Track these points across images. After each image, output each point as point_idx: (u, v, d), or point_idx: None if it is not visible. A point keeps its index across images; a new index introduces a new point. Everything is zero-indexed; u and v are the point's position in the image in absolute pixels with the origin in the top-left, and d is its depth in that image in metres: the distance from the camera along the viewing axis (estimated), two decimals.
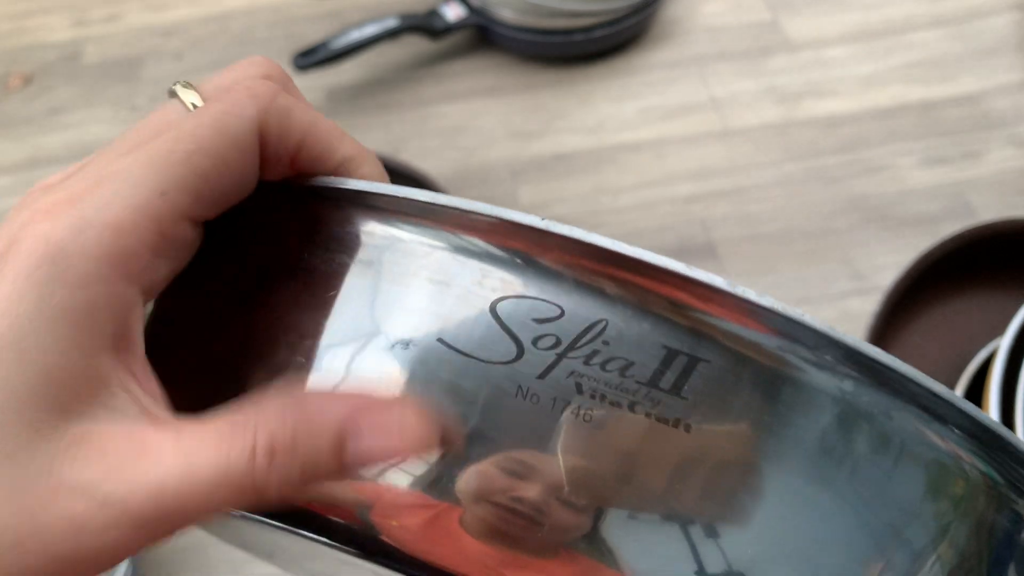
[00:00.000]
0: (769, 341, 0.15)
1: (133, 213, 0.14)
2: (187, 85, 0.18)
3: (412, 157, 0.67)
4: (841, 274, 0.60)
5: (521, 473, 0.15)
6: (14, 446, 0.13)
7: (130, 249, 0.14)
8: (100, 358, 0.14)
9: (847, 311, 0.58)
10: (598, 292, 0.15)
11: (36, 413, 0.13)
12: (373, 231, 0.17)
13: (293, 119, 0.17)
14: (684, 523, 0.14)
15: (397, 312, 0.16)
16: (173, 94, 0.18)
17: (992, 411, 0.39)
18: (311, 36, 0.76)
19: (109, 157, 0.16)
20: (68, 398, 0.14)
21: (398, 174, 0.60)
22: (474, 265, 0.15)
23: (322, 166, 0.18)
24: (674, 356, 0.15)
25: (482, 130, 0.70)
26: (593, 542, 0.14)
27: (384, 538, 0.16)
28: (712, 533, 0.14)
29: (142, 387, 0.15)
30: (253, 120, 0.16)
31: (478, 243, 0.16)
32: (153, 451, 0.14)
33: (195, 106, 0.17)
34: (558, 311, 0.15)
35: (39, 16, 0.82)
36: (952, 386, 0.48)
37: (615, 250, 0.14)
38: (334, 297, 0.16)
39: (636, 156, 0.67)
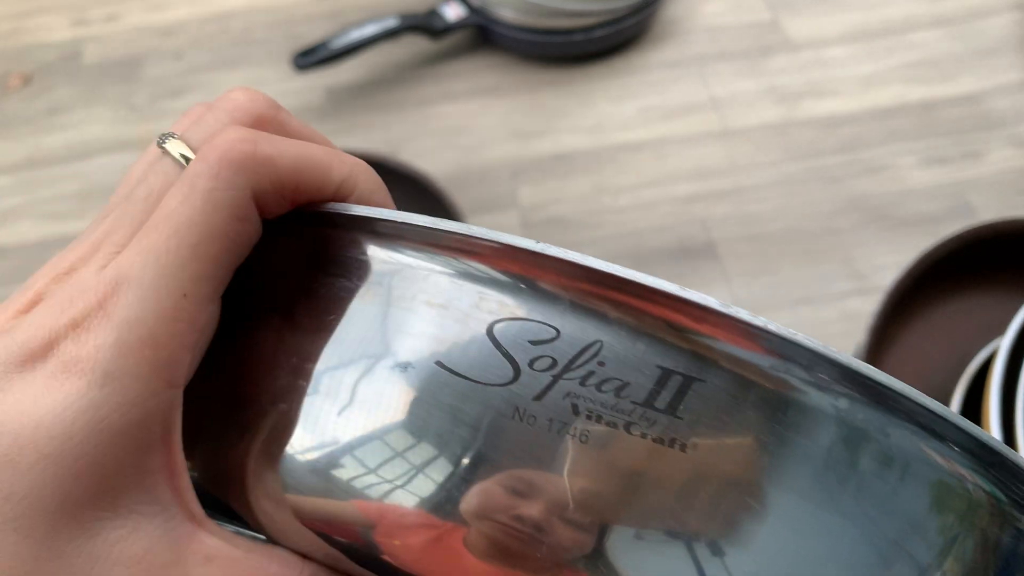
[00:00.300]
0: (763, 361, 0.15)
1: (165, 323, 0.15)
2: (176, 139, 0.18)
3: (412, 157, 0.67)
4: (841, 274, 0.60)
5: (522, 491, 0.15)
6: (64, 544, 0.14)
7: (170, 359, 0.15)
8: (150, 458, 0.15)
9: (847, 311, 0.58)
10: (593, 314, 0.15)
11: (87, 512, 0.14)
12: (373, 255, 0.17)
13: (280, 164, 0.17)
14: (687, 542, 0.14)
15: (396, 335, 0.16)
16: (164, 150, 0.18)
17: (992, 411, 0.39)
18: (311, 36, 0.76)
19: (117, 238, 0.16)
20: (118, 498, 0.15)
21: (398, 174, 0.60)
22: (471, 288, 0.15)
23: (320, 195, 0.18)
24: (669, 376, 0.15)
25: (482, 130, 0.70)
26: (595, 561, 0.14)
27: (386, 557, 0.16)
28: (717, 552, 0.14)
29: (182, 478, 0.16)
30: (244, 187, 0.16)
31: (475, 266, 0.16)
32: (182, 566, 0.15)
33: (185, 158, 0.17)
34: (554, 333, 0.15)
35: (39, 16, 0.82)
36: (952, 386, 0.48)
37: (609, 272, 0.15)
38: (335, 321, 0.16)
39: (636, 156, 0.67)
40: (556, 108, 0.71)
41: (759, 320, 0.14)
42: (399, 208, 0.17)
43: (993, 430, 0.38)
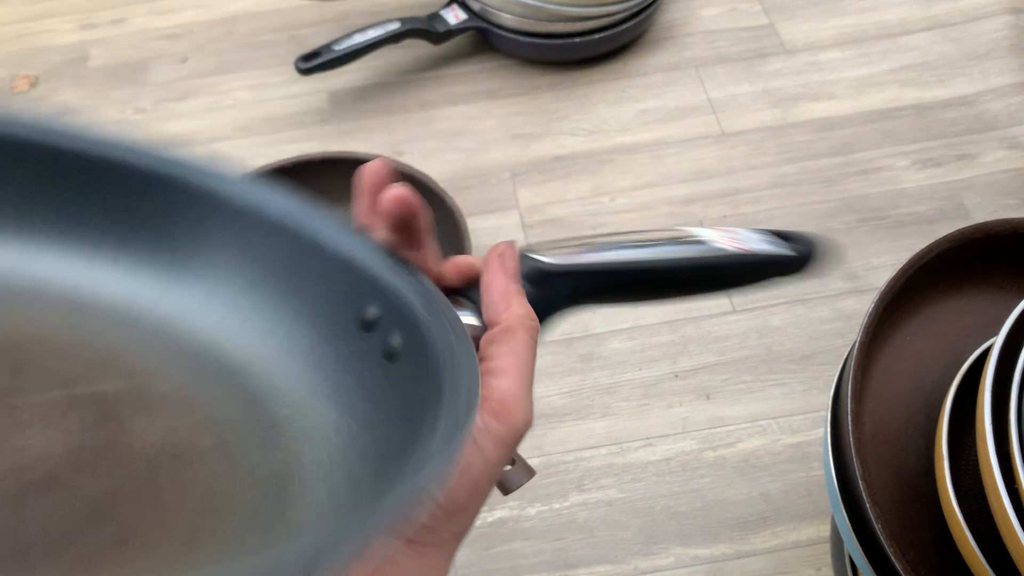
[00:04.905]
0: None
1: None
2: None
3: (413, 159, 0.68)
4: (836, 274, 0.61)
5: None
6: None
7: None
8: None
9: (842, 311, 0.59)
10: None
11: None
12: None
13: None
14: None
15: None
16: None
17: (985, 411, 0.39)
18: (314, 40, 0.77)
19: None
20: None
21: (399, 176, 0.60)
22: None
23: None
24: None
25: (482, 132, 0.71)
26: None
27: None
28: None
29: None
30: None
31: None
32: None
33: None
34: None
35: (46, 19, 0.83)
36: (945, 385, 0.49)
37: None
38: None
39: (634, 158, 0.68)
40: (555, 111, 0.72)
41: None
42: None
43: (987, 429, 0.39)
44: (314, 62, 0.69)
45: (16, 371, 0.22)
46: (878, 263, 0.61)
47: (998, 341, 0.42)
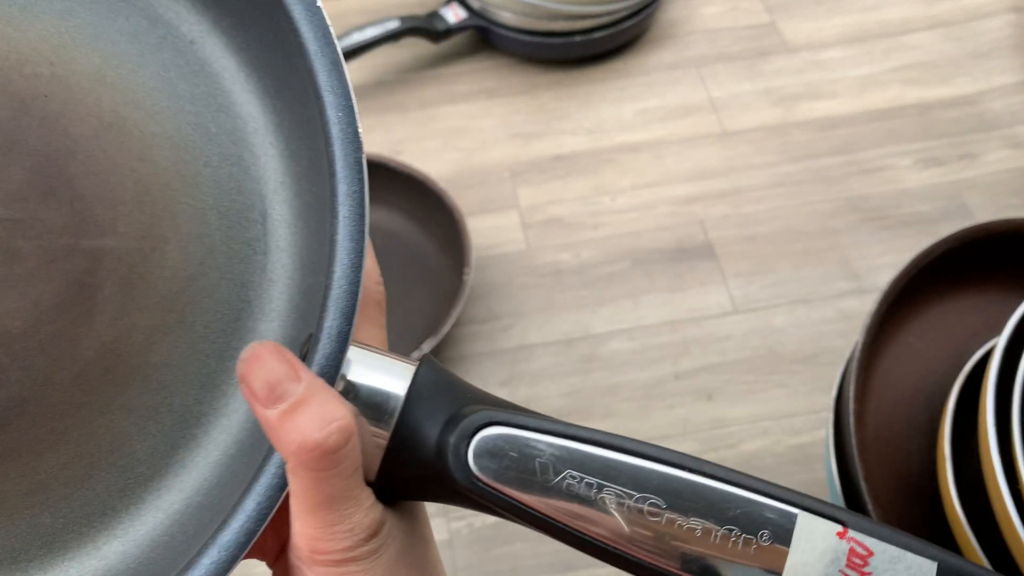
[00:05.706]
0: None
1: None
2: None
3: (413, 158, 0.67)
4: (838, 274, 0.60)
5: None
6: None
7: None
8: None
9: (844, 311, 0.58)
10: None
11: None
12: None
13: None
14: None
15: None
16: None
17: (988, 411, 0.39)
18: None
19: None
20: None
21: (399, 176, 0.60)
22: None
23: None
24: None
25: (482, 131, 0.70)
26: None
27: None
28: None
29: None
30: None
31: None
32: None
33: None
34: None
35: None
36: (948, 386, 0.48)
37: None
38: None
39: (635, 157, 0.68)
40: (555, 110, 0.71)
41: None
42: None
43: (989, 429, 0.38)
44: None
45: (45, 195, 0.20)
46: (880, 263, 0.60)
47: (1001, 341, 0.41)
